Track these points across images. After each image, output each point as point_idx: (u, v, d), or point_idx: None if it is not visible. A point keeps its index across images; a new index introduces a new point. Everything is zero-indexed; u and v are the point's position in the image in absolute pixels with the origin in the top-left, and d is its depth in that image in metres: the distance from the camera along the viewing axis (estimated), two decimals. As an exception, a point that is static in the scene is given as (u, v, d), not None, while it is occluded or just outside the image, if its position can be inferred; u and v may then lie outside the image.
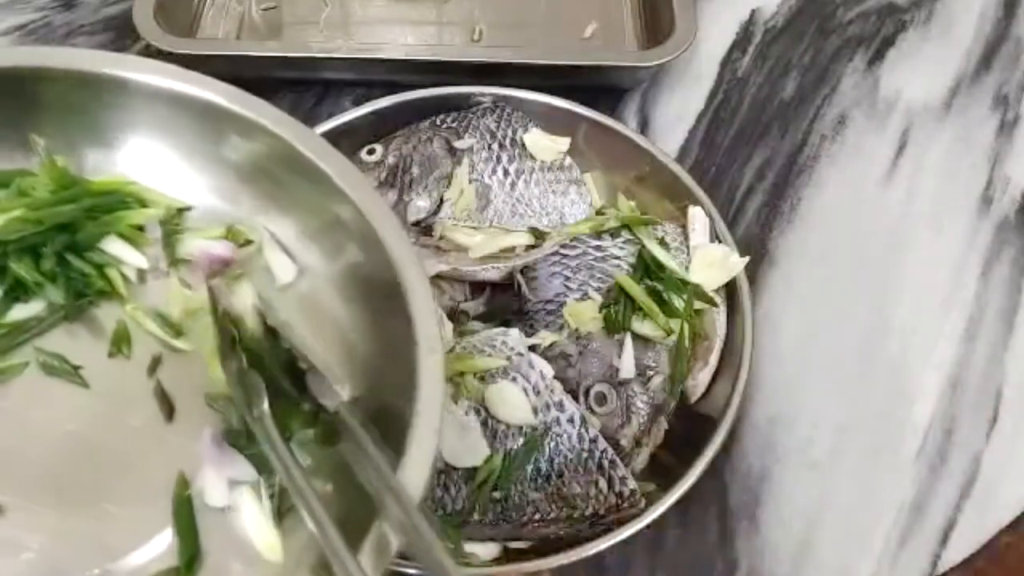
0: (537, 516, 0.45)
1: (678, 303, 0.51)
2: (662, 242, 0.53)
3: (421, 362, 0.37)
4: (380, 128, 0.57)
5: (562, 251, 0.53)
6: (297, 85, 0.66)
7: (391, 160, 0.56)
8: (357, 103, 0.60)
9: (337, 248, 0.44)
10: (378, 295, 0.41)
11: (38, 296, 0.43)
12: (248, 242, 0.46)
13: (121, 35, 0.68)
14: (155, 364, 0.42)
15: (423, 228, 0.55)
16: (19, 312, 0.43)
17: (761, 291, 0.58)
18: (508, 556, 0.45)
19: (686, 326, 0.50)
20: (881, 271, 0.59)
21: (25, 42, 0.68)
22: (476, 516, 0.45)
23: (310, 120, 0.62)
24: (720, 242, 0.54)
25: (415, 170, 0.55)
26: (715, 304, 0.52)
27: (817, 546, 0.49)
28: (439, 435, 0.36)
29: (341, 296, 0.44)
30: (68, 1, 0.71)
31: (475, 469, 0.45)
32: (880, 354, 0.56)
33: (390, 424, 0.37)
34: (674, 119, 0.66)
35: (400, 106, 0.58)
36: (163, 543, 0.38)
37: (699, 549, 0.49)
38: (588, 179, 0.58)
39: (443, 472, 0.46)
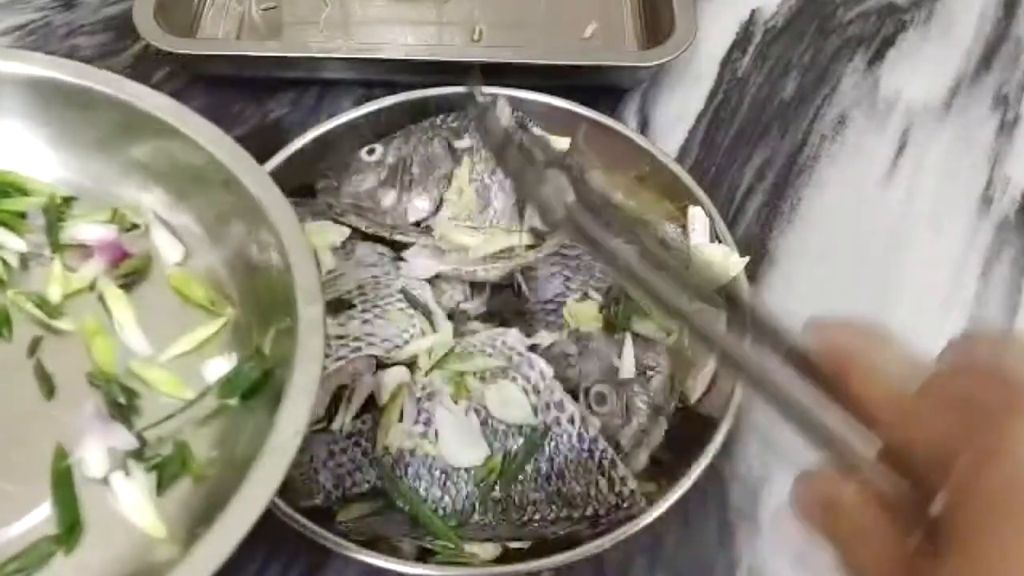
0: (537, 516, 0.45)
1: (678, 303, 0.51)
2: (662, 242, 0.53)
3: (301, 313, 0.39)
4: (380, 128, 0.57)
5: (562, 251, 0.53)
6: (297, 85, 0.66)
7: (391, 160, 0.55)
8: (357, 103, 0.60)
9: (221, 220, 0.46)
10: (263, 265, 0.43)
11: None
12: (134, 226, 0.47)
13: (121, 35, 0.68)
14: (35, 345, 0.43)
15: (423, 228, 0.55)
16: None
17: (761, 291, 0.58)
18: (508, 556, 0.45)
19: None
20: (881, 271, 0.59)
21: (25, 42, 0.68)
22: (476, 516, 0.45)
23: (310, 120, 0.63)
24: (720, 242, 0.54)
25: (415, 170, 0.55)
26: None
27: (817, 546, 0.49)
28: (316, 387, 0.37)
29: (230, 271, 0.45)
30: (68, 1, 0.71)
31: (475, 469, 0.45)
32: (880, 354, 0.56)
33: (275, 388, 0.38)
34: (674, 119, 0.66)
35: (400, 106, 0.58)
36: (43, 514, 0.38)
37: (699, 549, 0.49)
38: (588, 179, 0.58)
39: (443, 472, 0.46)
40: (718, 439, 0.46)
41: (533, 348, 0.49)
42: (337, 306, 0.49)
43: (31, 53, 0.47)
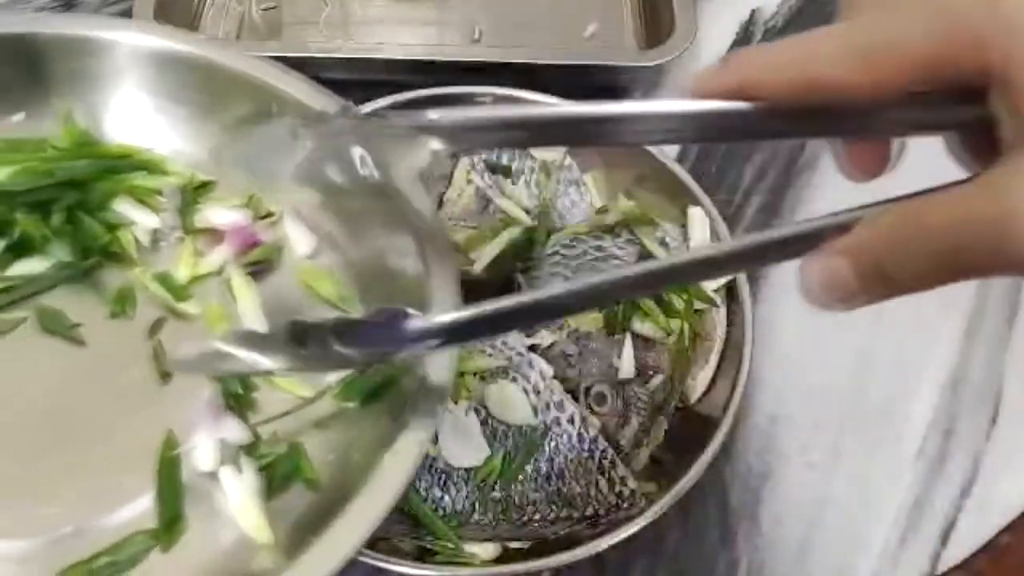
0: (537, 516, 0.45)
1: (678, 303, 0.51)
2: (662, 242, 0.53)
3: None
4: (380, 128, 0.57)
5: (562, 251, 0.53)
6: (297, 85, 0.66)
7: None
8: (357, 103, 0.59)
9: (360, 220, 0.43)
10: (398, 270, 0.40)
11: (44, 253, 0.42)
12: (269, 214, 0.45)
13: (121, 35, 0.68)
14: (156, 326, 0.41)
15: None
16: (22, 267, 0.42)
17: (761, 291, 0.58)
18: (508, 556, 0.45)
19: (686, 326, 0.50)
20: (881, 271, 0.59)
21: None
22: (476, 516, 0.45)
23: (310, 120, 0.63)
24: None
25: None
26: (715, 304, 0.52)
27: (817, 546, 0.49)
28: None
29: (361, 271, 0.43)
30: (68, 1, 0.71)
31: (475, 469, 0.45)
32: (880, 354, 0.56)
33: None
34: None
35: (400, 106, 0.58)
36: (145, 505, 0.36)
37: (699, 549, 0.49)
38: (588, 179, 0.58)
39: (443, 472, 0.46)
40: (718, 439, 0.46)
41: (533, 348, 0.49)
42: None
43: (189, 34, 0.46)
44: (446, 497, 0.45)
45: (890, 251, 0.25)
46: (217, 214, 0.44)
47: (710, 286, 0.52)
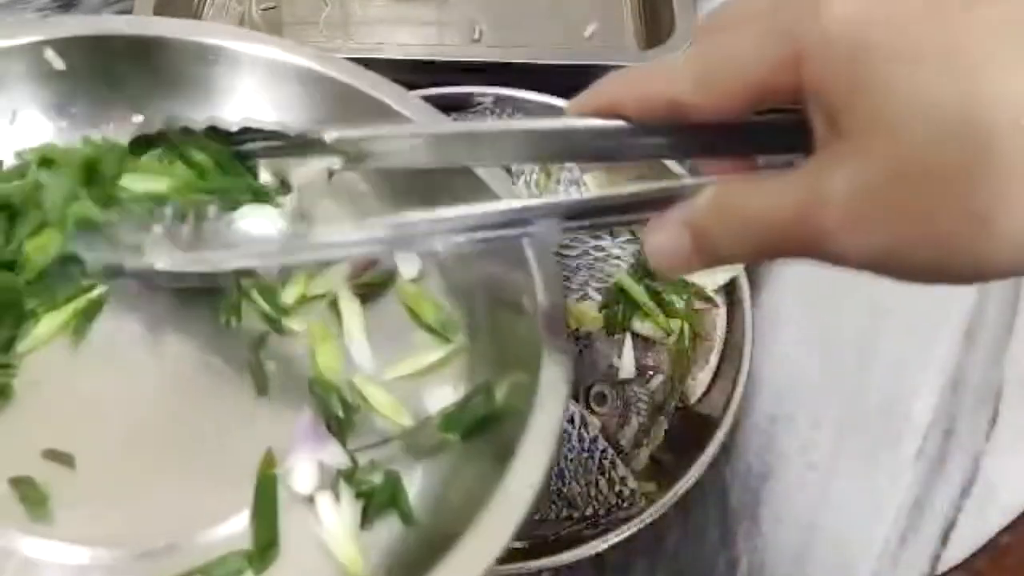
0: (537, 516, 0.45)
1: (678, 303, 0.51)
2: (662, 242, 0.53)
3: (544, 368, 0.36)
4: (380, 128, 0.57)
5: (562, 251, 0.53)
6: (297, 85, 0.66)
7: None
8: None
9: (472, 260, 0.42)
10: (509, 306, 0.39)
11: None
12: None
13: (121, 35, 0.68)
14: (259, 341, 0.40)
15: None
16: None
17: (761, 291, 0.58)
18: (508, 556, 0.45)
19: (686, 326, 0.50)
20: (881, 271, 0.59)
21: (25, 42, 0.68)
22: (476, 516, 0.45)
23: (310, 120, 0.63)
24: (720, 242, 0.53)
25: (415, 170, 0.55)
26: (715, 304, 0.52)
27: (817, 545, 0.49)
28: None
29: (469, 301, 0.42)
30: (68, 1, 0.71)
31: (475, 469, 0.45)
32: (880, 354, 0.56)
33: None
34: (674, 119, 0.66)
35: (400, 106, 0.58)
36: (239, 524, 0.35)
37: (699, 549, 0.49)
38: (588, 179, 0.58)
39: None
40: (718, 439, 0.46)
41: (533, 348, 0.49)
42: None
43: (311, 48, 0.45)
44: (446, 497, 0.45)
45: (718, 228, 0.27)
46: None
47: (710, 286, 0.52)
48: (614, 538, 0.43)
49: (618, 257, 0.53)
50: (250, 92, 0.45)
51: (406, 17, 0.71)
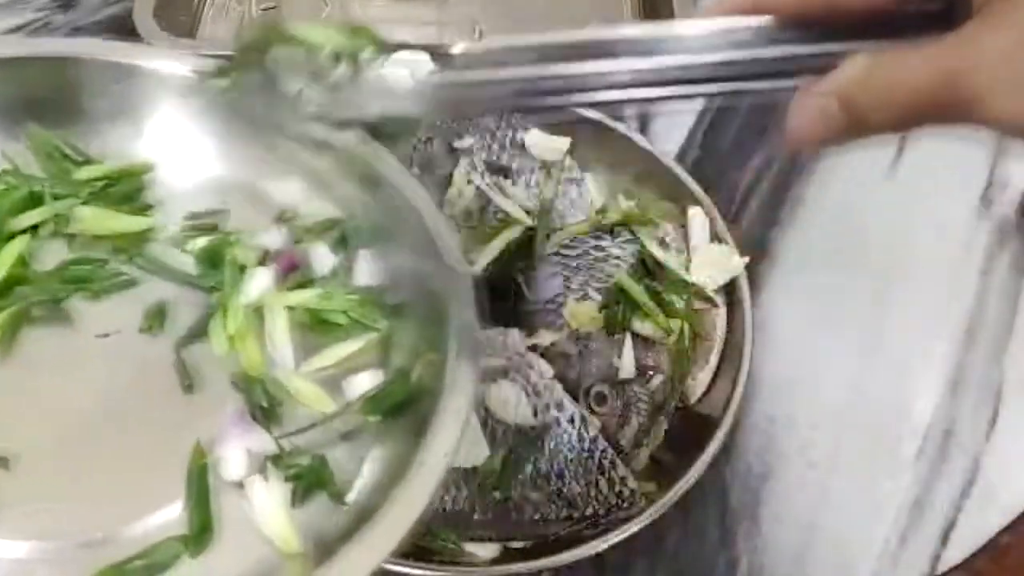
0: (537, 516, 0.45)
1: (678, 303, 0.51)
2: (662, 242, 0.53)
3: (452, 345, 0.38)
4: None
5: (562, 251, 0.53)
6: (297, 85, 0.66)
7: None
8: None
9: (384, 238, 0.44)
10: (420, 291, 0.41)
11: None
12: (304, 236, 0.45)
13: (121, 35, 0.68)
14: (184, 342, 0.41)
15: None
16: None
17: (761, 291, 0.58)
18: (508, 556, 0.45)
19: (686, 326, 0.50)
20: (881, 271, 0.59)
21: (25, 42, 0.68)
22: (476, 516, 0.45)
23: (310, 120, 0.63)
24: (720, 242, 0.54)
25: (414, 170, 0.55)
26: (715, 304, 0.52)
27: (817, 546, 0.49)
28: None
29: (385, 291, 0.44)
30: (68, 1, 0.71)
31: (475, 469, 0.45)
32: (880, 354, 0.56)
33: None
34: (674, 119, 0.66)
35: (400, 106, 0.58)
36: (174, 512, 0.37)
37: (699, 549, 0.49)
38: (588, 179, 0.58)
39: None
40: (718, 439, 0.46)
41: (533, 348, 0.49)
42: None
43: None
44: (446, 497, 0.45)
45: (865, 96, 0.27)
46: (263, 237, 0.44)
47: (710, 286, 0.52)
48: (614, 538, 0.43)
49: (618, 257, 0.53)
50: (170, 107, 0.46)
51: (406, 17, 0.71)
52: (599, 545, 0.43)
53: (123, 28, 0.68)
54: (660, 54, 0.30)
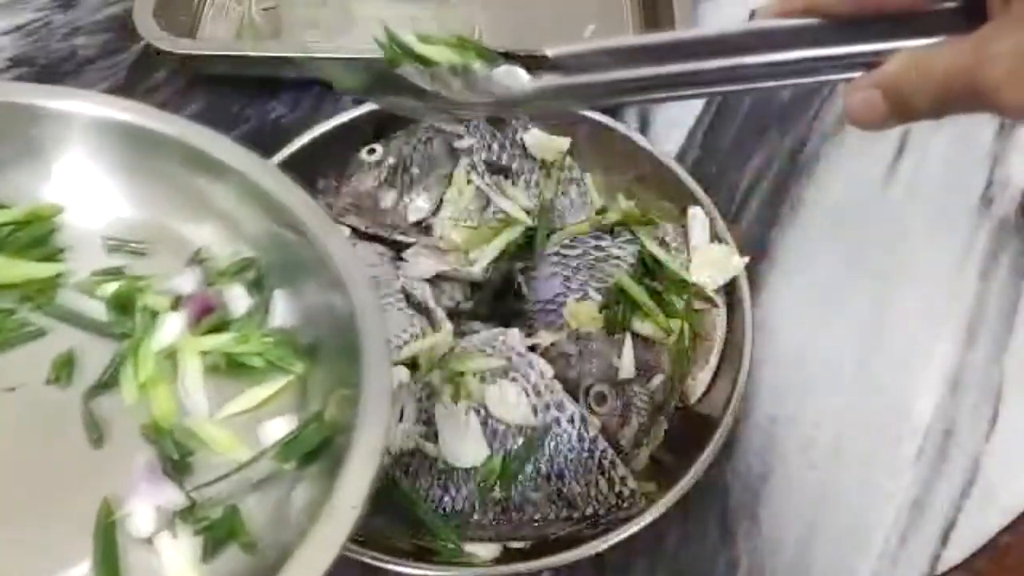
0: (537, 516, 0.45)
1: (678, 303, 0.51)
2: (662, 242, 0.53)
3: (366, 377, 0.37)
4: (380, 128, 0.57)
5: (562, 251, 0.53)
6: (297, 85, 0.66)
7: (391, 160, 0.56)
8: (357, 103, 0.60)
9: (294, 277, 0.44)
10: (332, 327, 0.41)
11: None
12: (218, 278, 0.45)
13: (121, 35, 0.68)
14: (92, 393, 0.41)
15: (423, 228, 0.55)
16: None
17: (761, 291, 0.58)
18: (508, 556, 0.45)
19: (686, 326, 0.50)
20: (881, 271, 0.59)
21: (25, 42, 0.68)
22: (476, 516, 0.45)
23: (310, 120, 0.63)
24: (720, 242, 0.54)
25: (415, 170, 0.55)
26: (715, 304, 0.52)
27: (817, 546, 0.49)
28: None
29: (298, 331, 0.43)
30: (68, 1, 0.71)
31: (475, 469, 0.45)
32: (880, 354, 0.56)
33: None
34: (674, 119, 0.66)
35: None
36: (82, 571, 0.36)
37: (699, 549, 0.49)
38: (588, 179, 0.58)
39: (443, 472, 0.46)
40: (718, 439, 0.46)
41: (533, 348, 0.49)
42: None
43: (126, 101, 0.46)
44: (446, 497, 0.45)
45: (908, 87, 0.32)
46: (176, 280, 0.44)
47: (710, 286, 0.52)
48: (614, 538, 0.43)
49: (618, 257, 0.53)
50: (77, 149, 0.45)
51: (406, 17, 0.71)
52: (599, 545, 0.43)
53: (123, 28, 0.68)
54: (728, 55, 0.34)
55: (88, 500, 0.37)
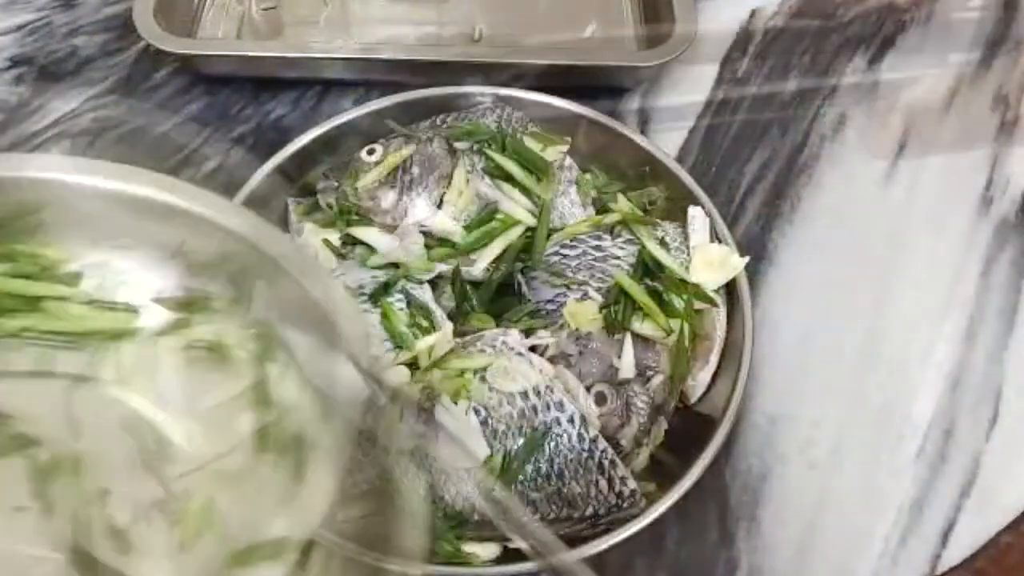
0: (537, 516, 0.45)
1: (678, 303, 0.51)
2: (662, 242, 0.53)
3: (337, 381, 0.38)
4: (380, 128, 0.57)
5: (562, 251, 0.53)
6: (297, 85, 0.66)
7: (391, 160, 0.55)
8: (357, 103, 0.60)
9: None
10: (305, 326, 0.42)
11: None
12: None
13: (121, 35, 0.68)
14: (72, 384, 0.41)
15: (423, 228, 0.55)
16: None
17: (761, 291, 0.58)
18: (508, 556, 0.45)
19: (686, 326, 0.50)
20: (881, 271, 0.59)
21: (26, 42, 0.68)
22: (476, 516, 0.45)
23: (310, 120, 0.63)
24: (720, 242, 0.54)
25: (415, 170, 0.55)
26: (715, 304, 0.52)
27: (817, 546, 0.49)
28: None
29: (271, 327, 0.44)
30: (68, 1, 0.71)
31: (475, 469, 0.45)
32: (880, 354, 0.56)
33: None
34: (674, 119, 0.66)
35: (400, 106, 0.58)
36: (58, 562, 0.36)
37: (699, 549, 0.49)
38: (588, 179, 0.58)
39: (443, 472, 0.46)
40: (718, 439, 0.46)
41: (533, 348, 0.49)
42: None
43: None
44: (446, 497, 0.45)
45: None
46: (155, 271, 0.43)
47: (710, 286, 0.52)
48: (614, 538, 0.43)
49: (618, 257, 0.53)
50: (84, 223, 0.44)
51: (406, 17, 0.71)
52: (599, 545, 0.43)
53: (123, 28, 0.68)
54: None
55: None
